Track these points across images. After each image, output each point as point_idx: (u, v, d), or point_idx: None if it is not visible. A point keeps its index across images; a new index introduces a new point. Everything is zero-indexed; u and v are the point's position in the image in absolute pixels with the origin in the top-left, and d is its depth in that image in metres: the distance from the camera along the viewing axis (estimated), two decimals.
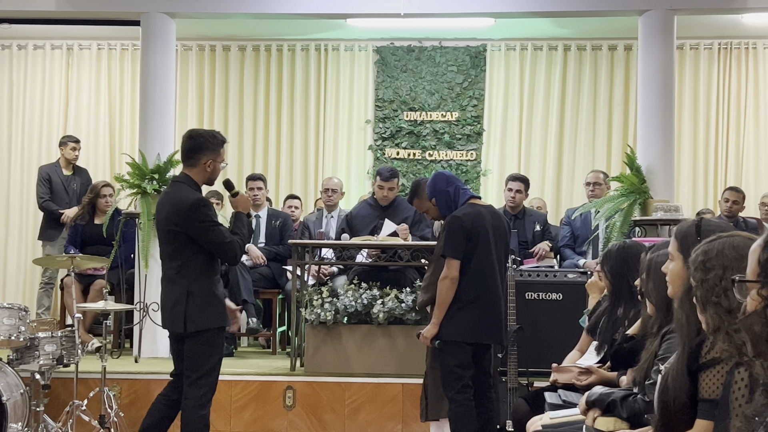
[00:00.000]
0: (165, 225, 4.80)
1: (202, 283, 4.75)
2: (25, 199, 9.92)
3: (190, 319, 4.72)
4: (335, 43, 10.04)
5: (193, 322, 4.72)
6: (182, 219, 4.70)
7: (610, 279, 4.41)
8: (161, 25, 7.89)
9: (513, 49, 9.95)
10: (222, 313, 4.83)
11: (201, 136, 4.87)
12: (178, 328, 4.76)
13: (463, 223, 5.13)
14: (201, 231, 4.70)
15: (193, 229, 4.70)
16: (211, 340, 4.79)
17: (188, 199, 4.71)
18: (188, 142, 4.85)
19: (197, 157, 4.81)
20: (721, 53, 9.87)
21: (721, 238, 2.49)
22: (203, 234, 4.70)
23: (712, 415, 2.43)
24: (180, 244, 4.74)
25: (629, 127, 9.79)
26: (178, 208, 4.71)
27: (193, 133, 4.90)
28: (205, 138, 4.85)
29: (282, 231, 8.16)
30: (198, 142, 4.82)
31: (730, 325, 2.27)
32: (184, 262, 4.75)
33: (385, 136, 10.00)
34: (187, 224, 4.70)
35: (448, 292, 5.13)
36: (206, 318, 4.75)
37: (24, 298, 9.67)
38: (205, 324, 4.75)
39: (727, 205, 8.41)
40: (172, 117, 8.10)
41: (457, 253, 5.12)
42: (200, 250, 4.74)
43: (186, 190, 4.77)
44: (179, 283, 4.75)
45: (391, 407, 6.47)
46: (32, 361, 5.62)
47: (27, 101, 10.18)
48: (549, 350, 6.02)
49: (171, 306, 4.78)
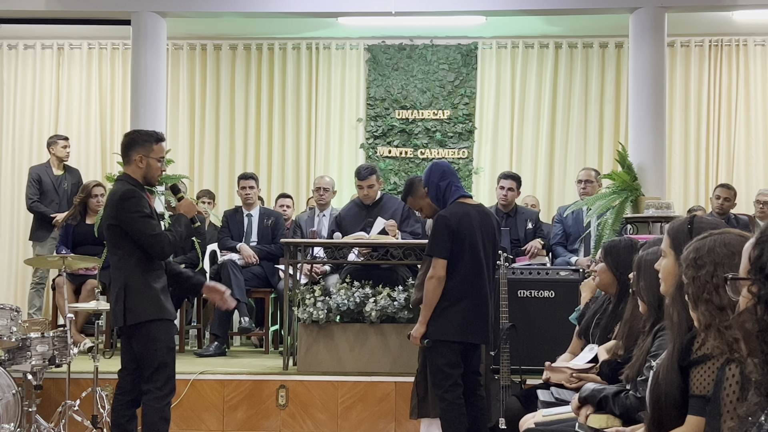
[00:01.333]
0: (105, 221, 4.91)
1: (138, 277, 4.76)
2: (16, 199, 9.88)
3: (129, 312, 4.74)
4: (326, 41, 10.03)
5: (132, 315, 4.74)
6: (115, 211, 4.77)
7: (616, 274, 4.36)
8: (152, 25, 7.88)
9: (504, 47, 9.96)
10: (161, 306, 4.80)
11: (135, 132, 5.05)
12: (119, 322, 4.78)
13: (448, 223, 5.13)
14: (131, 222, 4.73)
15: (123, 220, 4.75)
16: (153, 333, 4.78)
17: (119, 191, 4.80)
18: (124, 138, 4.99)
19: (130, 154, 4.89)
20: (711, 50, 9.89)
21: (712, 236, 2.49)
22: (131, 224, 4.73)
23: (703, 410, 2.43)
24: (117, 237, 4.79)
25: (620, 124, 9.80)
26: (111, 202, 4.81)
27: (130, 132, 5.11)
28: (138, 135, 4.98)
29: (274, 230, 8.16)
30: (129, 139, 4.94)
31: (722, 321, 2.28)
32: (121, 256, 4.80)
33: (377, 135, 9.99)
34: (118, 216, 4.76)
35: (434, 292, 5.13)
36: (144, 310, 4.75)
37: (15, 298, 9.65)
38: (143, 316, 4.74)
39: (718, 202, 8.43)
40: (163, 116, 8.10)
41: (443, 253, 5.13)
42: (137, 244, 4.77)
43: (120, 185, 4.88)
44: (118, 278, 4.81)
45: (384, 406, 6.47)
46: (24, 362, 5.60)
47: (17, 101, 10.16)
48: (541, 348, 6.03)
49: (114, 301, 4.82)
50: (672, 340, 2.65)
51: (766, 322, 1.75)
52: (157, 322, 4.78)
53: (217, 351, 7.58)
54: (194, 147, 10.17)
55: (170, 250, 4.88)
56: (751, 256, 1.83)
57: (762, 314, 1.76)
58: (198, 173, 10.10)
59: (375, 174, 7.47)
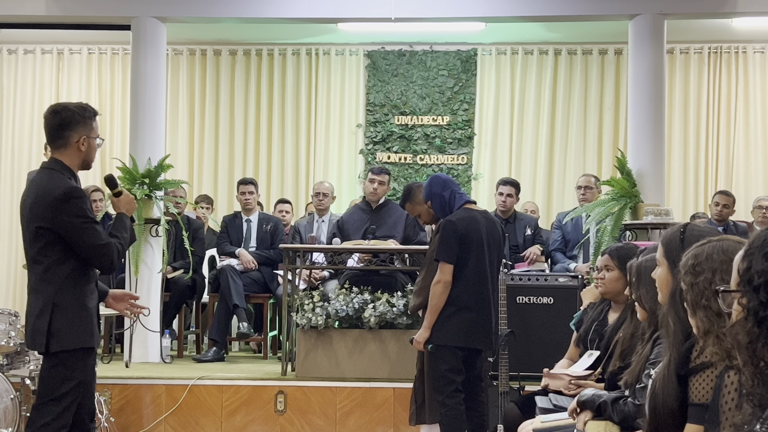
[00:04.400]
0: (29, 220, 3.93)
1: (70, 293, 3.90)
2: (15, 204, 9.87)
3: (55, 337, 3.86)
4: (326, 47, 10.04)
5: (57, 341, 3.87)
6: (50, 212, 3.86)
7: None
8: (152, 30, 7.88)
9: (504, 53, 9.97)
10: (92, 331, 3.96)
11: (67, 109, 3.99)
12: (38, 347, 3.91)
13: (456, 228, 5.13)
14: (72, 228, 3.87)
15: (62, 225, 3.86)
16: (71, 362, 3.90)
17: (58, 188, 3.87)
18: (53, 117, 3.99)
19: (68, 135, 3.96)
20: (711, 57, 9.90)
21: (711, 242, 2.50)
22: (74, 232, 3.87)
23: (702, 419, 2.43)
24: (46, 243, 3.89)
25: (620, 131, 9.81)
26: (46, 200, 3.87)
27: (58, 107, 4.04)
28: (73, 111, 3.98)
29: (273, 235, 8.16)
30: (64, 116, 3.96)
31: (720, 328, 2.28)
32: (49, 266, 3.89)
33: (376, 140, 10.00)
34: (54, 219, 3.86)
35: (440, 297, 5.13)
36: (73, 336, 3.89)
37: (14, 303, 9.64)
38: (70, 343, 3.89)
39: (717, 208, 8.43)
40: (162, 121, 8.09)
41: (451, 258, 5.12)
42: (70, 253, 3.90)
43: (57, 178, 3.93)
44: (43, 291, 3.90)
45: (382, 412, 6.47)
46: (22, 366, 5.60)
47: (17, 106, 10.17)
48: (540, 354, 6.02)
49: (33, 320, 3.90)
50: (668, 350, 2.65)
51: (756, 334, 1.76)
52: (81, 351, 3.93)
53: (215, 356, 7.57)
54: (193, 152, 10.17)
55: (119, 261, 4.06)
56: (740, 269, 1.84)
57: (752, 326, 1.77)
58: (197, 178, 10.10)
59: (389, 175, 7.54)
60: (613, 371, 3.93)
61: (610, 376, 3.95)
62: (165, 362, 7.41)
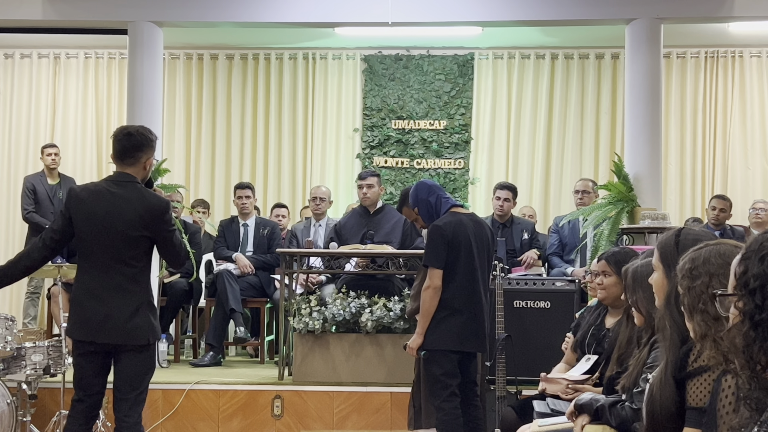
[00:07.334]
0: (130, 229, 4.39)
1: (151, 294, 4.57)
2: (11, 208, 9.88)
3: (152, 330, 4.44)
4: (323, 51, 10.05)
5: (153, 334, 4.45)
6: (156, 223, 4.41)
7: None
8: (148, 34, 7.88)
9: (500, 57, 9.98)
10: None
11: (141, 134, 4.51)
12: (140, 340, 4.41)
13: (443, 232, 5.13)
14: (168, 235, 4.46)
15: (162, 233, 4.44)
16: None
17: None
18: (127, 139, 4.48)
19: (139, 155, 4.47)
20: (707, 62, 9.92)
21: (708, 246, 2.50)
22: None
23: (700, 423, 2.43)
24: (142, 250, 4.44)
25: (617, 135, 9.82)
26: (153, 213, 4.41)
27: (132, 130, 4.55)
28: (146, 136, 4.51)
29: (270, 240, 8.15)
30: (139, 140, 4.47)
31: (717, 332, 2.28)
32: (141, 269, 4.45)
33: (373, 145, 10.00)
34: (157, 228, 4.42)
35: (431, 302, 5.12)
36: (158, 330, 4.53)
37: (10, 307, 9.63)
38: (157, 336, 4.53)
39: (714, 213, 8.44)
40: (159, 126, 8.08)
41: (439, 262, 5.11)
42: (150, 257, 4.52)
43: (149, 193, 4.50)
44: (134, 291, 4.41)
45: (379, 416, 6.46)
46: (19, 371, 5.60)
47: (14, 110, 10.15)
48: (537, 358, 6.03)
49: (127, 317, 4.37)
50: (665, 354, 2.65)
51: (752, 337, 1.76)
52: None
53: (212, 361, 7.57)
54: (190, 156, 10.17)
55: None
56: (736, 272, 1.84)
57: (748, 329, 1.77)
58: (194, 182, 10.09)
59: (376, 177, 7.52)
60: (611, 375, 3.92)
61: (607, 380, 3.94)
62: (162, 367, 7.39)
